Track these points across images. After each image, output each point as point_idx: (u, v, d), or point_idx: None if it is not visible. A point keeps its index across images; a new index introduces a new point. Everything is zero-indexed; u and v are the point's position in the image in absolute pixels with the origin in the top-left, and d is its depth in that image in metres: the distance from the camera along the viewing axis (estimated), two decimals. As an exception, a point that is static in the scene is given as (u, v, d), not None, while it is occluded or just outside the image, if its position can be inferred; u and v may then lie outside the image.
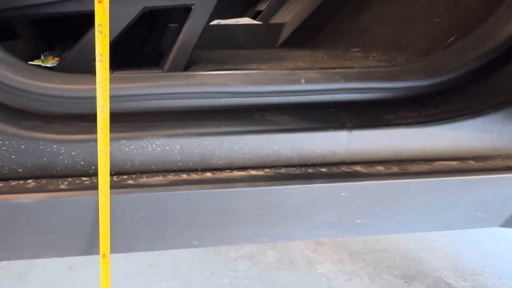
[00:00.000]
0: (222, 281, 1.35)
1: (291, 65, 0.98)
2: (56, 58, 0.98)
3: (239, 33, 1.61)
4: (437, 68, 0.83)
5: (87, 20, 0.86)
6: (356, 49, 1.27)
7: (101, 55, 0.59)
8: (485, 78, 0.83)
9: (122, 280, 1.33)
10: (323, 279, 1.37)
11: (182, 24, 0.87)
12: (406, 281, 1.36)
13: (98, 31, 0.59)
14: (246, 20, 1.84)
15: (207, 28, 0.87)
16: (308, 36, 1.59)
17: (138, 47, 1.26)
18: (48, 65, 0.96)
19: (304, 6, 1.68)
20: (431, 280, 1.37)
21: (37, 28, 1.10)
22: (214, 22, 1.67)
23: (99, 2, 0.58)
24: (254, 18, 1.88)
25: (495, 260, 1.48)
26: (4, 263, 1.36)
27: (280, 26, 1.66)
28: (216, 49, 1.36)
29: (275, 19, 1.79)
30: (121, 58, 0.94)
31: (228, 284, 1.34)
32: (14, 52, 0.95)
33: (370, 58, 1.12)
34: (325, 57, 1.17)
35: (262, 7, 1.89)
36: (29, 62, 0.96)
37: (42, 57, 0.98)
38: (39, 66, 0.93)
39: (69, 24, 1.11)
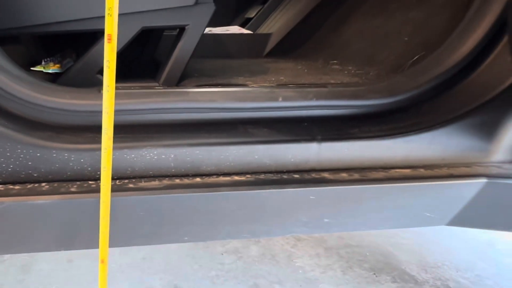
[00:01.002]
0: (209, 273, 1.47)
1: (273, 79, 1.10)
2: (57, 65, 1.03)
3: (229, 42, 1.72)
4: (396, 88, 0.97)
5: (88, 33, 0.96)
6: (335, 61, 1.39)
7: (109, 62, 0.67)
8: (436, 97, 0.97)
9: (117, 272, 1.44)
10: (300, 271, 1.51)
11: (176, 39, 0.98)
12: (375, 274, 1.51)
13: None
14: (235, 29, 1.94)
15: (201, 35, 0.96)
16: (293, 47, 1.71)
17: (135, 57, 1.36)
18: (50, 71, 1.03)
19: (289, 18, 1.80)
20: (396, 272, 1.52)
21: (39, 36, 1.18)
22: (206, 30, 1.77)
23: (109, 15, 0.65)
24: (243, 25, 1.99)
25: (454, 254, 1.63)
26: (6, 256, 1.46)
27: (267, 36, 1.77)
28: (207, 58, 1.47)
29: (263, 29, 1.90)
30: (120, 69, 1.03)
31: (215, 276, 1.46)
32: (15, 57, 1.04)
33: (346, 72, 1.25)
34: (306, 70, 1.29)
35: (251, 14, 1.99)
36: (31, 68, 1.03)
37: (43, 62, 1.04)
38: (43, 74, 1.00)
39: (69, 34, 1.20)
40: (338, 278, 1.48)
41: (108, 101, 0.68)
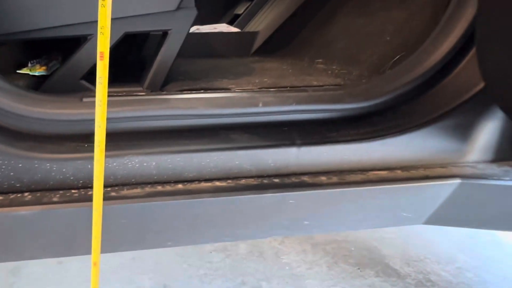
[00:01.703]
0: (198, 272, 1.50)
1: (257, 81, 1.11)
2: (43, 67, 1.04)
3: (216, 41, 1.72)
4: (373, 92, 0.99)
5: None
6: (320, 60, 1.41)
7: (101, 78, 0.68)
8: (412, 100, 1.00)
9: (108, 272, 1.46)
10: (287, 268, 1.54)
11: (159, 44, 0.98)
12: (359, 268, 1.54)
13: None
14: (223, 27, 1.95)
15: (186, 36, 0.96)
16: (279, 45, 1.72)
17: (121, 59, 1.36)
18: (36, 74, 1.02)
19: (276, 16, 1.80)
20: (380, 267, 1.56)
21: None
22: (193, 28, 1.77)
23: (102, 34, 0.65)
24: (231, 22, 1.99)
25: (436, 247, 1.68)
26: (-5, 261, 1.47)
27: (254, 34, 1.78)
28: (194, 58, 1.48)
29: (251, 26, 1.90)
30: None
31: (203, 275, 1.48)
32: (1, 60, 1.03)
33: (329, 72, 1.26)
34: (290, 70, 1.31)
35: (240, 10, 1.99)
36: (17, 71, 1.03)
37: (29, 65, 1.04)
38: (29, 77, 1.00)
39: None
40: (323, 273, 1.51)
41: (100, 115, 0.69)
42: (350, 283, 1.47)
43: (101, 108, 0.69)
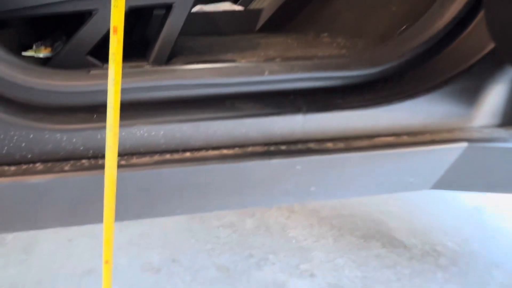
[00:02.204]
0: (205, 246, 1.52)
1: (262, 54, 1.11)
2: (48, 49, 1.03)
3: (219, 19, 1.71)
4: (379, 59, 0.99)
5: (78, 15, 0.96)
6: (325, 34, 1.40)
7: (114, 54, 0.68)
8: (418, 66, 1.00)
9: (116, 249, 1.47)
10: (293, 241, 1.56)
11: (164, 18, 0.98)
12: (365, 240, 1.56)
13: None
14: (226, 5, 1.93)
15: (190, 15, 0.96)
16: (284, 21, 1.70)
17: (126, 37, 1.36)
18: (41, 55, 1.04)
19: (280, -7, 1.78)
20: (386, 239, 1.58)
21: (28, 19, 1.18)
22: (196, 8, 1.76)
23: (116, 7, 0.65)
24: (235, 0, 1.96)
25: (442, 219, 1.69)
26: (8, 239, 1.50)
27: (258, 11, 1.76)
28: (198, 36, 1.48)
29: (255, 4, 1.89)
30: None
31: (211, 249, 1.51)
32: (6, 42, 1.04)
33: (334, 44, 1.26)
34: (295, 44, 1.30)
35: (244, -12, 1.97)
36: (22, 53, 1.04)
37: (34, 47, 1.03)
38: (34, 59, 1.01)
39: (59, 15, 1.20)
40: (330, 246, 1.54)
41: (114, 95, 0.69)
42: (356, 254, 1.49)
43: (116, 88, 0.69)
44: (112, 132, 0.71)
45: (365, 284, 1.36)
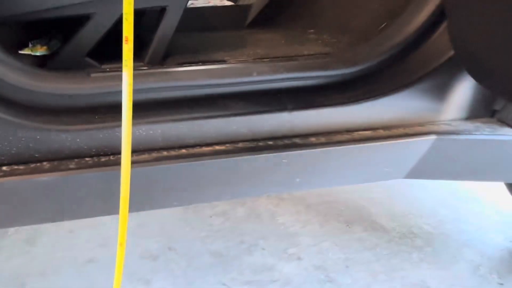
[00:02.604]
0: (200, 234, 1.61)
1: (251, 52, 1.18)
2: (45, 47, 1.06)
3: (210, 14, 1.76)
4: (357, 59, 1.07)
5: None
6: (312, 30, 1.47)
7: (127, 37, 0.74)
8: (394, 65, 1.08)
9: (115, 237, 1.56)
10: (282, 227, 1.66)
11: (158, 20, 1.04)
12: (348, 225, 1.67)
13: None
14: (217, 0, 1.96)
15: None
16: (273, 16, 1.76)
17: (120, 37, 1.40)
18: (38, 54, 1.04)
19: (270, -13, 1.83)
20: (367, 223, 1.69)
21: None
22: (188, 3, 1.79)
23: (126, 20, 0.73)
24: (226, -7, 1.99)
25: (419, 204, 1.81)
26: (11, 231, 1.56)
27: (248, 7, 1.81)
28: (190, 32, 1.53)
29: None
30: (105, 50, 1.09)
31: (205, 236, 1.60)
32: (2, 40, 1.08)
33: (320, 41, 1.33)
34: (283, 41, 1.37)
35: (234, -18, 2.00)
36: (19, 52, 1.07)
37: (30, 45, 1.06)
38: (32, 57, 1.04)
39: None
40: (316, 231, 1.64)
41: (128, 95, 0.75)
42: (340, 238, 1.60)
43: (128, 89, 0.76)
44: (127, 127, 0.78)
45: (347, 265, 1.47)
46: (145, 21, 1.44)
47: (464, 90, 1.07)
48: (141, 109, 0.95)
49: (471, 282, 1.41)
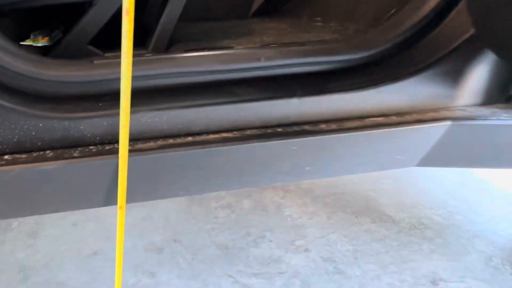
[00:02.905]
0: (205, 226, 1.59)
1: (257, 40, 1.15)
2: (46, 38, 1.04)
3: (215, 3, 1.72)
4: (369, 44, 1.04)
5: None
6: (318, 18, 1.44)
7: (127, 8, 0.71)
8: (406, 50, 1.05)
9: (119, 231, 1.54)
10: (289, 219, 1.64)
11: (162, 6, 1.01)
12: (356, 217, 1.65)
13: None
14: None
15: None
16: (278, 5, 1.73)
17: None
18: (39, 44, 1.06)
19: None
20: (376, 214, 1.66)
21: (25, 8, 1.19)
22: None
23: None
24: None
25: (429, 195, 1.78)
26: (14, 224, 1.54)
27: None
28: (194, 21, 1.50)
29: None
30: (108, 38, 1.07)
31: (210, 229, 1.58)
32: (3, 31, 1.05)
33: (327, 29, 1.30)
34: (289, 29, 1.34)
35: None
36: (21, 43, 1.07)
37: (31, 36, 1.04)
38: (34, 48, 1.03)
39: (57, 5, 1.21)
40: (323, 222, 1.61)
41: (126, 68, 0.72)
42: (348, 230, 1.58)
43: (127, 61, 0.73)
44: (125, 104, 0.76)
45: (356, 256, 1.45)
46: (149, 9, 1.42)
47: (478, 75, 1.03)
48: (146, 95, 0.92)
49: (483, 273, 1.38)
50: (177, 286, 1.32)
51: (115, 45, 1.04)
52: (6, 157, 0.85)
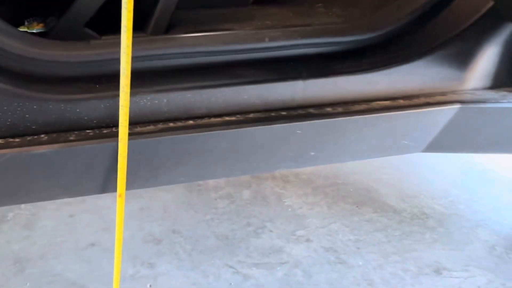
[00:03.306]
0: (205, 217, 1.56)
1: (259, 24, 1.11)
2: (41, 24, 1.02)
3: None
4: (376, 24, 1.01)
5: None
6: (320, 4, 1.40)
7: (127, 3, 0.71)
8: (413, 31, 1.02)
9: (117, 222, 1.51)
10: (289, 210, 1.61)
11: None
12: (357, 206, 1.62)
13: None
14: None
15: None
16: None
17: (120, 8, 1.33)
18: (34, 31, 1.02)
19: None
20: (377, 204, 1.64)
21: None
22: None
23: None
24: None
25: (430, 184, 1.76)
26: (10, 216, 1.50)
27: None
28: (192, 9, 1.46)
29: (249, -25, 1.84)
30: (105, 23, 1.03)
31: (210, 219, 1.55)
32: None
33: (330, 14, 1.26)
34: (291, 14, 1.30)
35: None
36: None
37: (26, 23, 1.02)
38: (30, 33, 1.00)
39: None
40: (324, 212, 1.59)
41: (126, 41, 0.70)
42: (349, 219, 1.55)
43: (126, 36, 0.69)
44: (125, 82, 0.72)
45: (358, 246, 1.43)
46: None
47: (488, 58, 1.00)
48: (146, 77, 0.89)
49: (487, 262, 1.37)
50: (177, 277, 1.29)
51: (112, 30, 1.01)
52: (-2, 140, 0.81)
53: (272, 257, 1.38)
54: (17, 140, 0.82)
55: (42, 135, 0.84)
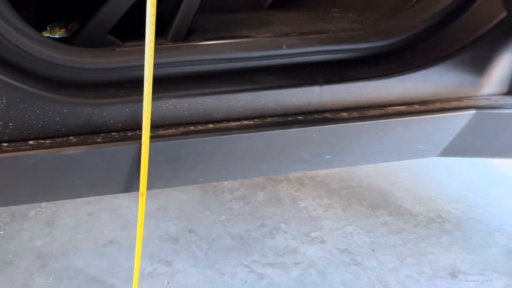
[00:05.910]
0: (220, 218, 1.59)
1: (276, 30, 1.14)
2: (63, 30, 1.07)
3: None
4: (392, 31, 1.02)
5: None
6: (336, 9, 1.42)
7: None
8: (429, 37, 1.03)
9: (135, 221, 1.55)
10: (304, 211, 1.63)
11: None
12: (372, 209, 1.63)
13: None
14: None
15: None
16: (293, -3, 1.71)
17: (141, 17, 1.38)
18: (56, 36, 1.07)
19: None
20: (393, 207, 1.64)
21: (41, 1, 1.20)
22: None
23: None
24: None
25: (447, 188, 1.76)
26: (32, 213, 1.56)
27: None
28: (210, 13, 1.49)
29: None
30: (126, 28, 1.07)
31: (225, 220, 1.58)
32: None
33: (346, 19, 1.28)
34: (307, 20, 1.32)
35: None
36: None
37: (48, 28, 1.06)
38: (55, 39, 1.05)
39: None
40: (339, 215, 1.60)
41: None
42: (364, 222, 1.56)
43: (150, 45, 0.73)
44: (148, 89, 0.76)
45: (373, 248, 1.44)
46: (167, 1, 1.41)
47: (503, 63, 1.01)
48: (168, 83, 0.92)
49: (504, 266, 1.36)
50: (193, 274, 1.32)
51: (134, 36, 1.05)
52: (30, 142, 0.86)
53: (287, 257, 1.40)
54: (48, 141, 0.87)
55: (71, 137, 0.88)
